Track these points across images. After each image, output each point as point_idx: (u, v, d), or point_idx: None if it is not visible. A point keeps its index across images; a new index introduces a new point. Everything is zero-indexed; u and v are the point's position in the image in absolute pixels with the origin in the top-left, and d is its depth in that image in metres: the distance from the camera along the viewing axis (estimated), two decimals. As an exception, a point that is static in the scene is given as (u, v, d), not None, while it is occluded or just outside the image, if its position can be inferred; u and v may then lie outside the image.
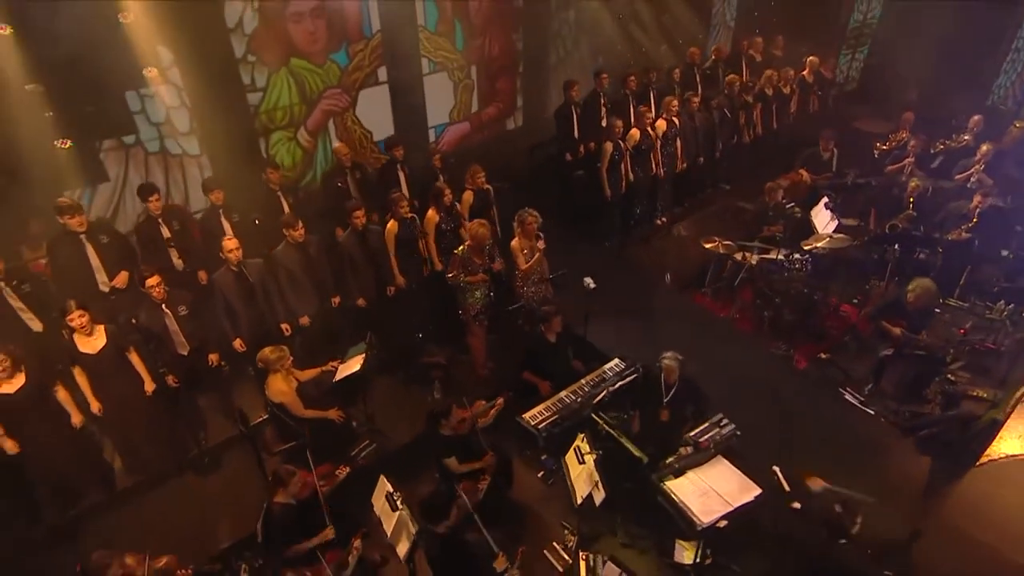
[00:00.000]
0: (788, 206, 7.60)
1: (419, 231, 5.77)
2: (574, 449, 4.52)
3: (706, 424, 4.98)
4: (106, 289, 4.97)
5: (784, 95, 9.07)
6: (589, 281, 5.68)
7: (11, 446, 4.23)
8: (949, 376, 6.27)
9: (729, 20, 10.85)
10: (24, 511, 4.60)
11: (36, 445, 4.36)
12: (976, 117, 8.46)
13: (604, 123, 7.58)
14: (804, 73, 9.23)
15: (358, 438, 5.33)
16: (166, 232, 5.26)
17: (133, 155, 6.66)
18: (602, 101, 7.89)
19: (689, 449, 4.86)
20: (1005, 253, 7.23)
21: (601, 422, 4.82)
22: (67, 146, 5.88)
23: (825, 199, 7.47)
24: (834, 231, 7.09)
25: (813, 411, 5.89)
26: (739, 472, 4.63)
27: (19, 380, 4.22)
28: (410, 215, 5.62)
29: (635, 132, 7.37)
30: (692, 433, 4.89)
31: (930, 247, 7.14)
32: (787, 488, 4.63)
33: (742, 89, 8.55)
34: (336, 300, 5.52)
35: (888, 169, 8.33)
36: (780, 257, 6.82)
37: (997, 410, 5.46)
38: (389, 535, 4.15)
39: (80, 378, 4.43)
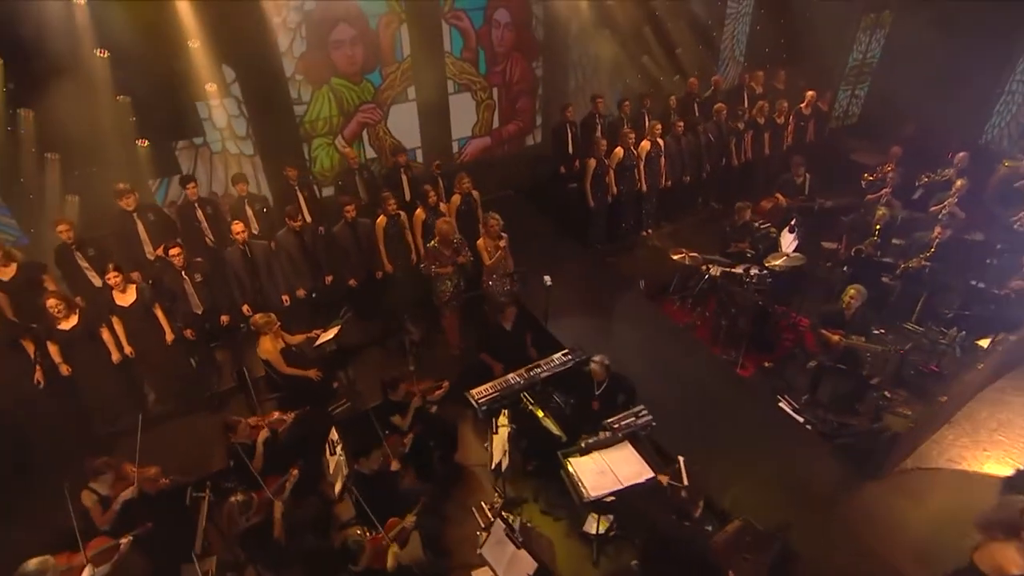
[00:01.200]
0: (764, 226, 7.44)
1: (404, 226, 6.12)
2: (494, 420, 4.74)
3: (626, 413, 5.04)
4: (151, 257, 5.64)
5: (778, 125, 8.78)
6: (547, 279, 5.91)
7: (65, 369, 5.05)
8: (886, 393, 6.00)
9: (739, 55, 10.55)
10: (76, 422, 5.32)
11: (85, 372, 5.11)
12: (961, 154, 8.02)
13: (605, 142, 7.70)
14: (802, 106, 8.90)
15: (337, 396, 5.76)
16: (201, 215, 5.88)
17: (201, 153, 7.43)
18: (597, 121, 7.95)
19: (607, 434, 4.95)
20: (974, 283, 6.80)
21: (526, 401, 5.00)
22: (145, 145, 6.67)
23: (793, 221, 7.25)
24: (795, 251, 6.87)
25: (745, 414, 5.82)
26: (640, 457, 4.68)
27: (73, 320, 4.99)
28: (396, 212, 6.00)
29: (619, 150, 7.46)
30: (610, 420, 4.98)
31: (890, 273, 6.80)
32: (686, 481, 4.62)
33: (733, 117, 8.36)
34: (329, 279, 5.99)
35: (867, 198, 8.00)
36: (739, 271, 6.70)
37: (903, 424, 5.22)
38: (331, 473, 4.55)
39: (117, 325, 5.14)
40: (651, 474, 4.57)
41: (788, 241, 7.03)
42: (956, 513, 4.42)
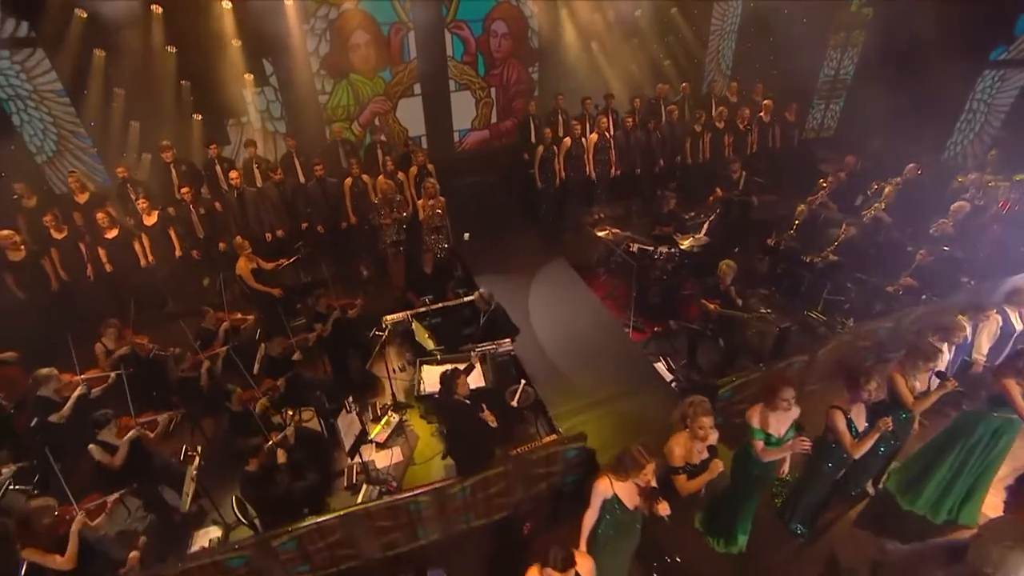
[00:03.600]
0: (693, 215, 7.76)
1: (367, 186, 7.20)
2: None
3: (491, 342, 5.75)
4: (179, 197, 7.15)
5: (740, 130, 8.89)
6: (466, 236, 6.73)
7: (108, 268, 6.55)
8: (762, 365, 6.16)
9: (725, 68, 10.61)
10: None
11: (120, 271, 6.64)
12: (911, 165, 7.74)
13: (561, 134, 8.34)
14: (761, 114, 8.93)
15: (300, 311, 6.91)
16: (218, 168, 7.34)
17: (245, 129, 8.99)
18: (559, 116, 8.60)
19: (475, 353, 5.67)
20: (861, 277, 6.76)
21: (414, 321, 5.86)
22: (199, 119, 8.28)
23: (719, 210, 7.51)
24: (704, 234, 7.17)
25: (618, 367, 6.16)
26: (481, 374, 5.35)
27: (114, 232, 6.51)
28: (359, 175, 7.08)
29: (567, 140, 8.03)
30: (477, 344, 5.71)
31: (801, 264, 6.91)
32: (515, 402, 5.23)
33: (691, 120, 8.64)
34: (304, 225, 7.20)
35: (808, 199, 7.93)
36: (651, 249, 7.09)
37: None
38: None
39: (145, 240, 6.62)
40: (483, 384, 5.26)
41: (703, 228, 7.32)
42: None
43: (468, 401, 4.29)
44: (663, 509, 3.01)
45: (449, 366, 5.18)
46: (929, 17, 8.18)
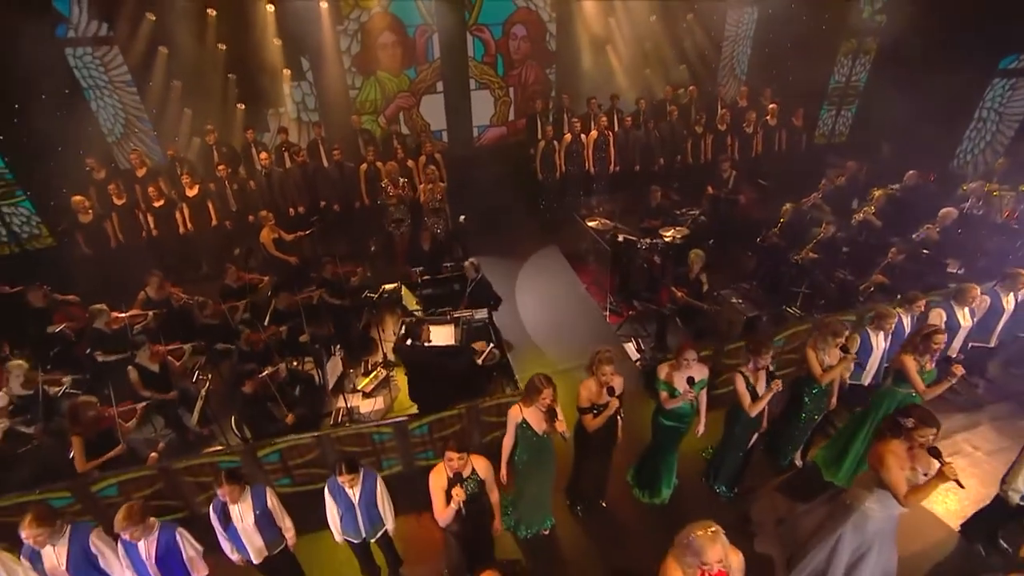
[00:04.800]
0: (684, 210, 8.25)
1: (380, 171, 8.11)
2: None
3: (469, 309, 6.47)
4: (217, 174, 8.26)
5: (745, 133, 9.26)
6: (462, 218, 7.50)
7: (155, 232, 7.73)
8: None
9: (739, 73, 10.93)
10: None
11: (164, 236, 7.80)
12: (910, 172, 7.95)
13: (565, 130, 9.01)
14: (767, 118, 9.26)
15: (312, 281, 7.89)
16: (253, 150, 8.43)
17: (282, 117, 10.12)
18: (565, 114, 9.25)
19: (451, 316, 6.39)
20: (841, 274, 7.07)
21: (405, 288, 6.68)
22: (242, 108, 9.46)
23: (706, 206, 7.97)
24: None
25: (587, 343, 6.74)
26: (454, 335, 6.09)
27: (161, 202, 7.69)
28: (373, 162, 7.99)
29: (567, 136, 8.68)
30: (457, 310, 6.45)
31: (784, 261, 7.29)
32: (481, 361, 5.92)
33: (693, 122, 9.10)
34: (322, 203, 8.19)
35: (802, 201, 8.25)
36: (635, 239, 7.63)
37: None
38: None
39: (186, 210, 7.77)
40: (453, 343, 6.00)
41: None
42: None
43: (429, 347, 5.01)
44: (559, 427, 3.65)
45: (430, 326, 5.97)
46: (939, 25, 8.33)
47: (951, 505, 4.76)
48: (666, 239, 7.48)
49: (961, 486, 3.12)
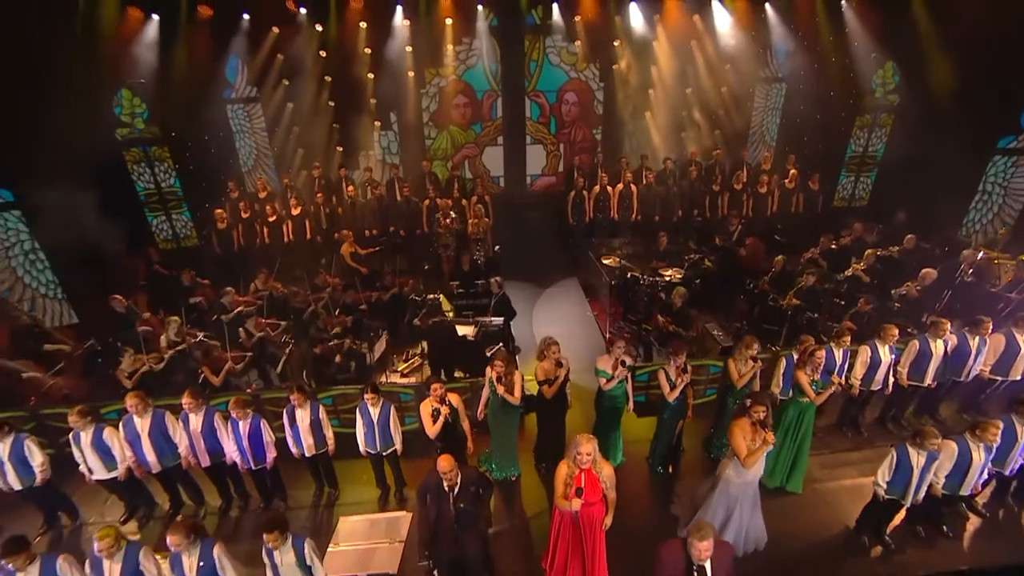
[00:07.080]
0: (690, 256, 9.72)
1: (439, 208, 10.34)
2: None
3: (489, 318, 8.28)
4: (316, 200, 10.82)
5: (760, 193, 10.63)
6: (496, 247, 9.46)
7: (267, 240, 10.37)
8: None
9: (769, 140, 12.31)
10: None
11: (273, 243, 10.42)
12: (909, 236, 8.96)
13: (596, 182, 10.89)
14: (785, 181, 10.59)
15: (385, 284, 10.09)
16: (344, 184, 10.98)
17: (370, 159, 12.75)
18: (599, 168, 11.11)
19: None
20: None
21: (443, 298, 8.67)
22: (340, 150, 12.20)
23: (708, 254, 9.42)
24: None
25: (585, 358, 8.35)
26: (474, 330, 7.91)
27: (273, 218, 10.33)
28: (435, 198, 10.25)
29: (596, 188, 10.50)
30: (479, 316, 8.30)
31: (764, 305, 8.54)
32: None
33: (710, 181, 10.65)
34: (392, 228, 10.51)
35: (802, 254, 9.44)
36: (638, 275, 9.18)
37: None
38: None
39: (290, 225, 10.34)
40: (471, 334, 7.82)
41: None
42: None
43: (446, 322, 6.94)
44: (500, 389, 5.36)
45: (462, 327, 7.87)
46: (943, 106, 9.43)
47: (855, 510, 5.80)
48: (665, 277, 8.97)
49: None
